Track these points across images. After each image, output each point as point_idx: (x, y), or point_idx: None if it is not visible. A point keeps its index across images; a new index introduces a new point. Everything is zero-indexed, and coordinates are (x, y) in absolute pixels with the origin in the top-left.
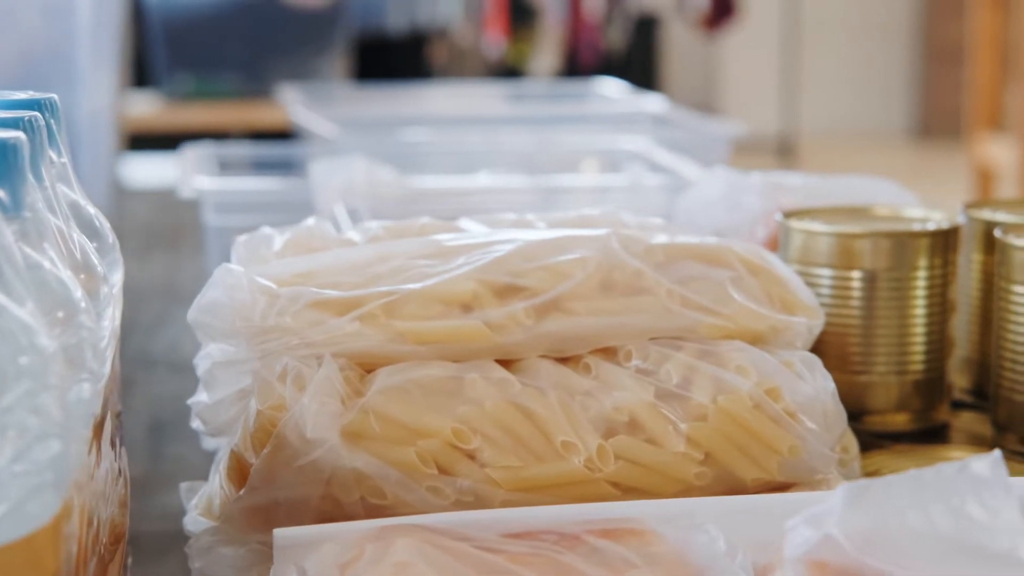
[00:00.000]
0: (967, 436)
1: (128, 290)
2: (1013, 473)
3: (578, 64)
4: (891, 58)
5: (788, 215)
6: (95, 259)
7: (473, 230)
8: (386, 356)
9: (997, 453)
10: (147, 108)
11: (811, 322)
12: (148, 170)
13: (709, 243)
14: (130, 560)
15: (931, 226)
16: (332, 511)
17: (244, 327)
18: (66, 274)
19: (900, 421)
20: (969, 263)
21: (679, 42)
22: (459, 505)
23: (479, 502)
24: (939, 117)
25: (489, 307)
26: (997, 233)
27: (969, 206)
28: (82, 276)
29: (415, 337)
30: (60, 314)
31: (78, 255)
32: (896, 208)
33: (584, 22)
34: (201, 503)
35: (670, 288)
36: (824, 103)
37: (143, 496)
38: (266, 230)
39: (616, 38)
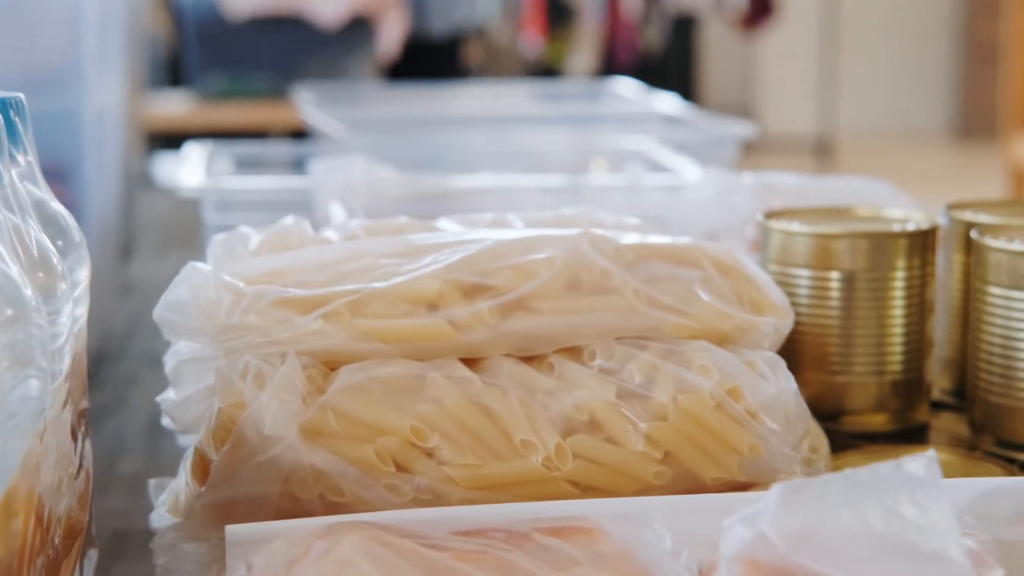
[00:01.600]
0: (947, 437)
1: (139, 288)
2: (986, 474)
3: (615, 64)
4: (930, 57)
5: (768, 216)
6: (54, 257)
7: (448, 229)
8: (350, 354)
9: (931, 453)
10: (181, 107)
11: (779, 322)
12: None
13: (680, 243)
14: (90, 552)
15: (910, 227)
16: (291, 508)
17: (209, 325)
18: (16, 272)
19: (878, 422)
20: (951, 264)
21: (717, 42)
22: (417, 503)
23: (437, 500)
24: (978, 117)
25: (455, 306)
26: (973, 234)
27: (951, 207)
28: (40, 274)
29: (379, 335)
30: (8, 312)
31: (35, 253)
32: (877, 209)
33: (621, 22)
34: (168, 500)
35: (637, 288)
36: (863, 103)
37: (137, 493)
38: (244, 229)
39: (653, 38)
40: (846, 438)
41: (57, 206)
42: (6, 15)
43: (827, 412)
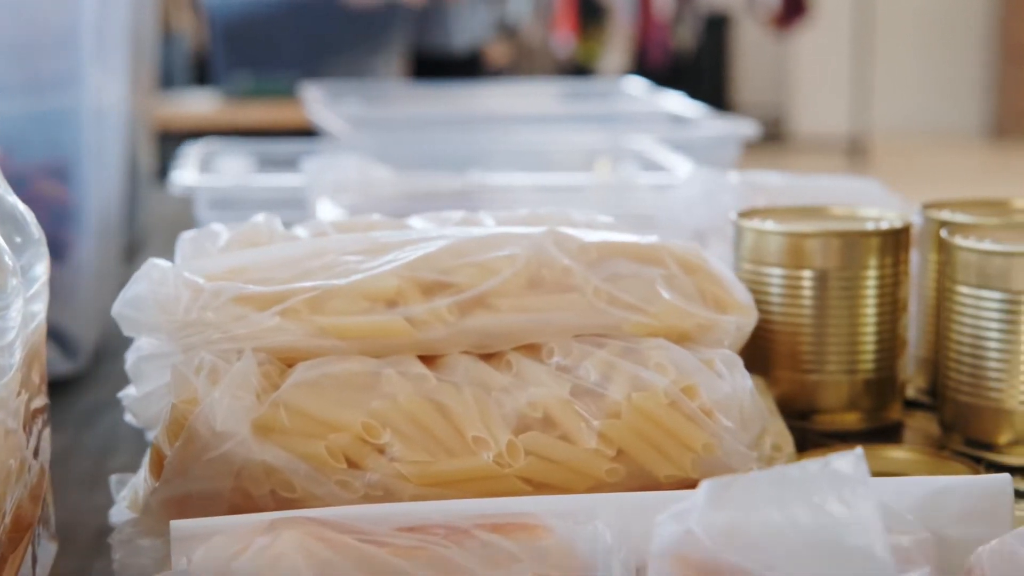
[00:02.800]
0: (919, 436)
1: None
2: (951, 473)
3: (647, 63)
4: (964, 58)
5: (742, 214)
6: (5, 254)
7: (418, 227)
8: (308, 351)
9: (859, 451)
10: (207, 106)
11: (741, 320)
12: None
13: (645, 242)
14: (45, 544)
15: (882, 225)
16: (243, 503)
17: (166, 321)
18: None
19: (851, 420)
20: (926, 263)
21: (749, 41)
22: (368, 499)
23: (388, 496)
24: (1011, 117)
25: (413, 303)
26: (943, 234)
27: (927, 206)
28: None
29: (336, 332)
30: None
31: None
32: (851, 208)
33: (653, 21)
34: (129, 495)
35: (597, 286)
36: (896, 103)
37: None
38: (215, 226)
39: (685, 37)
40: (818, 437)
41: (15, 201)
42: (6, 15)
43: (799, 411)
